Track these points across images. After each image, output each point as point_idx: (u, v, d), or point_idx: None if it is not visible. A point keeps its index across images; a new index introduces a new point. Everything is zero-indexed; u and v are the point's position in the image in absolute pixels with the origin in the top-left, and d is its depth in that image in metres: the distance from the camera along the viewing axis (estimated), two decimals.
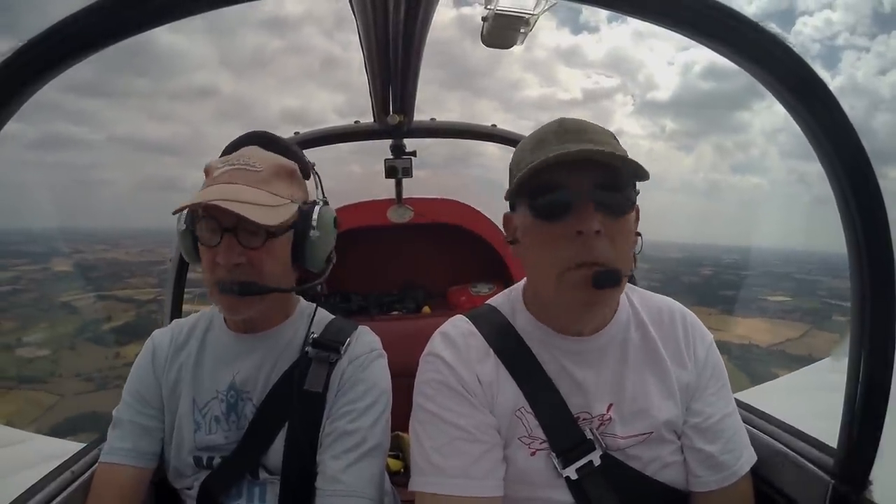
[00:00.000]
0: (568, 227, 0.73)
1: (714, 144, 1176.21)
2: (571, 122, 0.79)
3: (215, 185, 0.86)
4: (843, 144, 0.64)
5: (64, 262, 30.03)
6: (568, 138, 0.76)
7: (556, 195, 0.74)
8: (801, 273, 42.34)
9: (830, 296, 34.22)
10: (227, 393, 0.95)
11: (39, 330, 23.77)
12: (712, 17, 0.58)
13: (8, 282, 27.76)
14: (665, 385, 0.85)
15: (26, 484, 0.91)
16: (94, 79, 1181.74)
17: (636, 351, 0.86)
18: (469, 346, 0.86)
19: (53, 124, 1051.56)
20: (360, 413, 0.91)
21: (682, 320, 0.90)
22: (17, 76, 0.51)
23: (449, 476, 0.78)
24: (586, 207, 0.73)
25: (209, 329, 1.01)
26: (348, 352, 0.96)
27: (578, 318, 0.84)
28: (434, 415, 0.82)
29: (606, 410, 0.83)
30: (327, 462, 0.88)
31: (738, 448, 0.86)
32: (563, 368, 0.84)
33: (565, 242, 0.73)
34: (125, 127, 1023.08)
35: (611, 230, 0.74)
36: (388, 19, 0.89)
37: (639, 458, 0.84)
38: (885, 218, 0.65)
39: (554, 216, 0.75)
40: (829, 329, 30.48)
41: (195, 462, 0.95)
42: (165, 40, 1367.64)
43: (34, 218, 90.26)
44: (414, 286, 2.44)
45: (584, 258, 0.73)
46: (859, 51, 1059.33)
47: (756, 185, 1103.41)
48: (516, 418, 0.83)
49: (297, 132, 1.73)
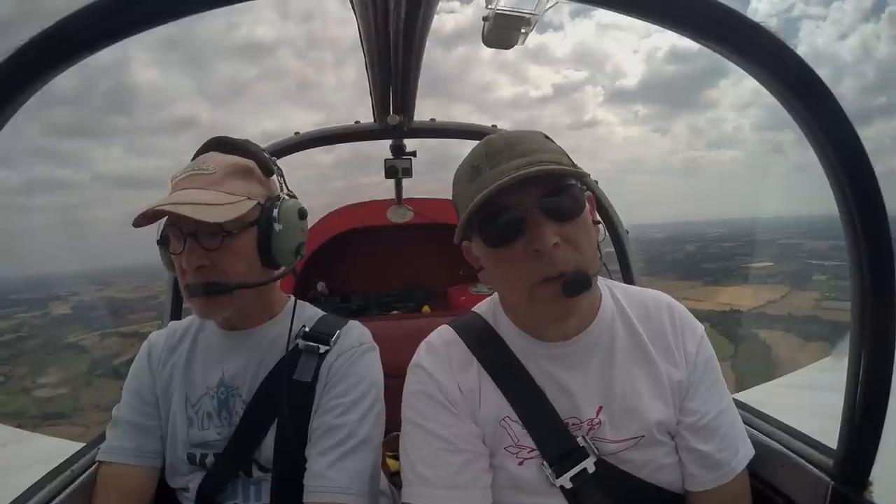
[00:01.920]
0: (525, 247, 0.73)
1: (687, 124, 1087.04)
2: (497, 139, 0.78)
3: (171, 192, 0.88)
4: (841, 143, 0.64)
5: (62, 306, 31.45)
6: (499, 159, 0.74)
7: (504, 219, 0.73)
8: (785, 238, 43.07)
9: (810, 256, 35.31)
10: (218, 389, 0.96)
11: (52, 372, 24.88)
12: (712, 16, 0.58)
13: (11, 329, 29.13)
14: (655, 383, 0.83)
15: None
16: (76, 121, 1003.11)
17: (623, 349, 0.84)
18: (451, 355, 0.86)
19: (38, 168, 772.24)
20: (348, 408, 0.90)
21: (670, 314, 0.87)
22: (17, 76, 0.51)
23: (434, 487, 0.77)
24: (538, 222, 0.72)
25: (201, 329, 1.03)
26: (337, 345, 0.96)
27: (559, 328, 0.83)
28: (418, 426, 0.82)
29: (596, 414, 0.82)
30: (313, 458, 0.88)
31: (735, 444, 0.84)
32: (548, 374, 0.83)
33: (526, 261, 0.73)
34: (108, 165, 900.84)
35: (568, 234, 0.73)
36: (388, 19, 0.89)
37: (632, 461, 0.83)
38: (885, 216, 0.65)
39: (508, 240, 0.74)
40: (809, 289, 31.46)
41: (189, 459, 0.95)
42: (143, 77, 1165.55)
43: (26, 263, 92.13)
44: (414, 286, 2.44)
45: (548, 273, 0.72)
46: (816, 20, 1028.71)
47: (733, 158, 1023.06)
48: (501, 428, 0.82)
49: (297, 132, 1.73)
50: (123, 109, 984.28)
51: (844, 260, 0.69)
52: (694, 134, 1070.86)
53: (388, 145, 1.78)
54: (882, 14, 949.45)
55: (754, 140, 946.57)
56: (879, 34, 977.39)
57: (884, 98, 65.05)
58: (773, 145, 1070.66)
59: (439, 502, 0.77)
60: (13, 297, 34.27)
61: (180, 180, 0.89)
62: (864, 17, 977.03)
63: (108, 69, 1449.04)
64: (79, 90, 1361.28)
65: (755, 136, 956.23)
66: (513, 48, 1.08)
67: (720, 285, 33.72)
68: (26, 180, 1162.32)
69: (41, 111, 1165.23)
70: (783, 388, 2.23)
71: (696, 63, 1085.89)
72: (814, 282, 32.24)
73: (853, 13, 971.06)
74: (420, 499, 0.78)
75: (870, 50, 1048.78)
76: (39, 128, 63.90)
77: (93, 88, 71.64)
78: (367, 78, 1.26)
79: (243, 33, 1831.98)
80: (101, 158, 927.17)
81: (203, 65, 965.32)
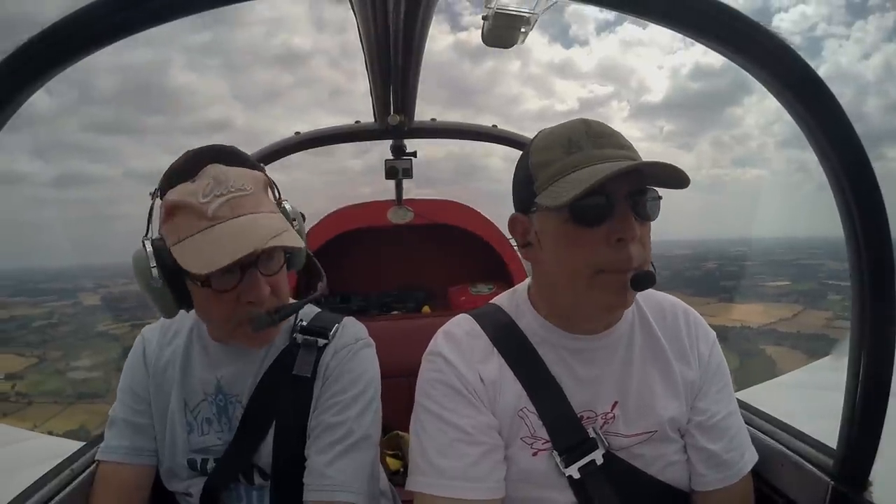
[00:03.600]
0: (607, 233, 0.73)
1: (712, 141, 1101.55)
2: (595, 124, 0.78)
3: (221, 223, 0.78)
4: (841, 143, 0.64)
5: (91, 297, 32.71)
6: (602, 142, 0.75)
7: (597, 200, 0.73)
8: (806, 258, 43.43)
9: (828, 277, 35.53)
10: (216, 396, 0.94)
11: (85, 357, 26.32)
12: (713, 16, 0.58)
13: (42, 317, 30.61)
14: (669, 382, 0.85)
15: None
16: (114, 118, 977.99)
17: (641, 348, 0.86)
18: (472, 345, 0.86)
19: (72, 162, 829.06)
20: (346, 405, 0.89)
21: (685, 318, 0.90)
22: (18, 76, 0.51)
23: (447, 477, 0.77)
24: (625, 213, 0.73)
25: (195, 326, 1.00)
26: (334, 341, 0.95)
27: (602, 319, 0.84)
28: (434, 414, 0.81)
29: (611, 409, 0.83)
30: (313, 457, 0.87)
31: (741, 447, 0.86)
32: (568, 367, 0.84)
33: (604, 247, 0.73)
34: (140, 162, 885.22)
35: (642, 234, 0.75)
36: (388, 19, 0.89)
37: (642, 456, 0.84)
38: (884, 216, 0.65)
39: (593, 221, 0.74)
40: (823, 307, 32.07)
41: (189, 465, 0.94)
42: (181, 80, 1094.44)
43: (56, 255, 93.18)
44: (414, 286, 2.44)
45: (624, 264, 0.73)
46: (839, 39, 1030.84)
47: (758, 177, 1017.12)
48: (519, 418, 0.83)
49: (297, 132, 1.73)
50: (160, 109, 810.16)
51: None
52: (719, 151, 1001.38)
53: None
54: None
55: (778, 158, 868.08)
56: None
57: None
58: (798, 164, 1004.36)
59: (454, 493, 0.76)
60: (42, 286, 35.38)
61: (222, 206, 0.79)
62: (886, 37, 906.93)
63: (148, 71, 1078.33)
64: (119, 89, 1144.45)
65: (779, 154, 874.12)
66: (514, 47, 1.08)
67: (735, 302, 34.19)
68: (59, 174, 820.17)
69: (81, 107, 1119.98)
70: None
71: (720, 80, 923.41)
72: (828, 301, 32.74)
73: (875, 32, 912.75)
74: (432, 489, 0.77)
75: (893, 69, 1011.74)
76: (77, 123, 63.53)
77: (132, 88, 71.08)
78: (367, 78, 1.26)
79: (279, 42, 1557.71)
80: (135, 155, 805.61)
81: (241, 70, 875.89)
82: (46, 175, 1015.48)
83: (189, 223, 0.79)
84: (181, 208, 0.80)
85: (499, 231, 2.28)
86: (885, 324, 0.68)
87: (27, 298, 32.42)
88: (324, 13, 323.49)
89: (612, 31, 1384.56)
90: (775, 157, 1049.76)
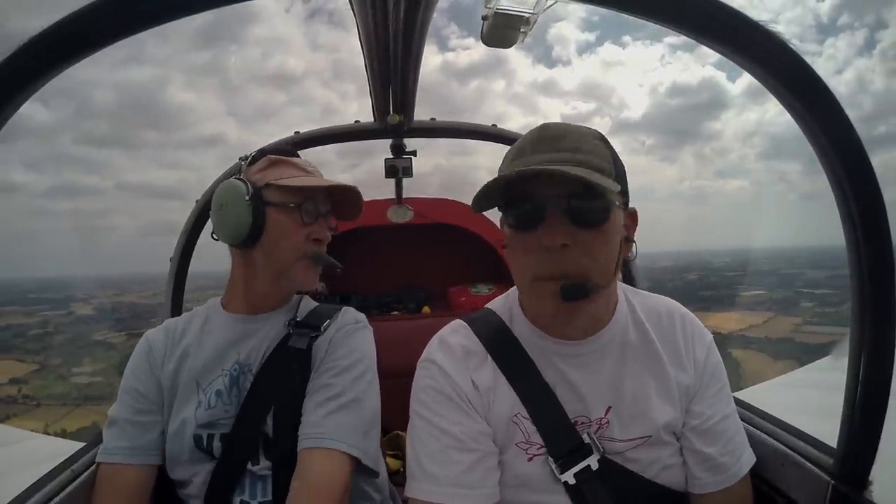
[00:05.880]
0: (537, 239, 0.73)
1: (694, 153, 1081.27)
2: (553, 127, 0.78)
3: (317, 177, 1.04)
4: (841, 142, 0.64)
5: (84, 307, 34.10)
6: (542, 148, 0.75)
7: (525, 207, 0.74)
8: (786, 268, 45.11)
9: (805, 285, 37.31)
10: (232, 368, 0.99)
11: (86, 363, 27.61)
12: (711, 16, 0.58)
13: (38, 325, 31.77)
14: (664, 387, 0.84)
15: None
16: (110, 132, 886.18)
17: (635, 353, 0.85)
18: (466, 352, 0.86)
19: (66, 174, 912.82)
20: (342, 370, 0.97)
21: (681, 321, 0.89)
22: (18, 76, 0.51)
23: (441, 484, 0.77)
24: (556, 219, 0.73)
25: (206, 322, 1.05)
26: (336, 321, 1.05)
27: (559, 327, 0.84)
28: (428, 421, 0.82)
29: (605, 414, 0.83)
30: (309, 411, 0.93)
31: (738, 449, 0.85)
32: (560, 373, 0.84)
33: (536, 253, 0.74)
34: (133, 175, 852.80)
35: (585, 240, 0.73)
36: (388, 19, 0.89)
37: (638, 460, 0.83)
38: (884, 216, 0.65)
39: (525, 227, 0.75)
40: (794, 314, 33.66)
41: (195, 442, 0.95)
42: (177, 98, 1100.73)
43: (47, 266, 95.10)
44: (414, 286, 2.44)
45: (551, 271, 0.73)
46: (812, 56, 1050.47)
47: (740, 188, 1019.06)
48: (513, 424, 0.82)
49: (297, 132, 1.72)
50: (155, 124, 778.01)
51: (835, 288, 0.70)
52: (701, 164, 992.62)
53: None
54: (874, 50, 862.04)
55: (759, 169, 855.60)
56: (874, 68, 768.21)
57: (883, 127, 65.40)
58: (779, 174, 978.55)
59: (448, 500, 0.76)
60: (33, 297, 36.39)
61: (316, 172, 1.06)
62: (857, 53, 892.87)
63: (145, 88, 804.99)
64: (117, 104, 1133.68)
65: (760, 165, 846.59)
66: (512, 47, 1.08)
67: (710, 311, 35.81)
68: (51, 185, 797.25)
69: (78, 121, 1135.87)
70: None
71: (697, 97, 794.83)
72: (800, 308, 34.29)
73: (847, 49, 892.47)
74: (426, 495, 0.78)
75: (865, 83, 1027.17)
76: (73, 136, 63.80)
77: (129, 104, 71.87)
78: (366, 78, 1.26)
79: (276, 63, 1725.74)
80: (128, 168, 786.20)
81: (236, 88, 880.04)
82: (40, 186, 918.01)
83: (291, 171, 1.01)
84: (286, 163, 1.02)
85: (500, 231, 2.28)
86: (885, 324, 0.68)
87: (20, 308, 33.26)
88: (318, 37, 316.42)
89: (593, 51, 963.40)
90: (756, 168, 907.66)
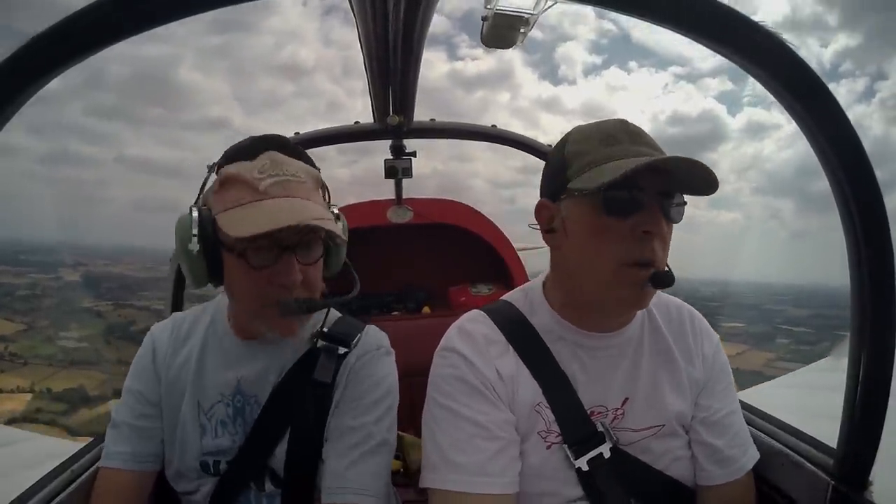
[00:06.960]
0: (635, 225, 0.74)
1: None
2: (632, 124, 0.81)
3: (271, 199, 0.79)
4: (841, 143, 0.64)
5: (72, 273, 33.08)
6: (640, 140, 0.78)
7: (630, 193, 0.75)
8: (769, 303, 45.42)
9: (784, 322, 37.44)
10: (234, 398, 0.93)
11: (73, 328, 26.94)
12: (711, 16, 0.58)
13: (26, 287, 30.91)
14: (676, 380, 0.87)
15: None
16: (117, 105, 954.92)
17: (650, 347, 0.88)
18: (488, 340, 0.86)
19: (67, 141, 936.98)
20: (366, 409, 0.89)
21: (691, 319, 0.93)
22: (18, 76, 0.51)
23: (465, 473, 0.77)
24: (654, 209, 0.75)
25: (211, 326, 0.98)
26: (356, 348, 0.95)
27: (618, 316, 0.85)
28: (450, 410, 0.81)
29: (621, 405, 0.85)
30: (331, 459, 0.87)
31: (743, 444, 0.89)
32: (581, 363, 0.85)
33: (629, 239, 0.75)
34: (134, 149, 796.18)
35: (665, 234, 0.77)
36: (388, 19, 0.89)
37: (650, 451, 0.86)
38: (885, 217, 0.65)
39: (624, 212, 0.75)
40: (767, 349, 33.56)
41: (201, 467, 0.93)
42: (185, 77, 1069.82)
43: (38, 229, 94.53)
44: (414, 286, 2.44)
45: (647, 257, 0.75)
46: None
47: (733, 220, 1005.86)
48: (535, 412, 0.84)
49: (297, 132, 1.72)
50: (162, 102, 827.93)
51: (814, 328, 0.70)
52: None
53: None
54: (873, 99, 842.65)
55: (753, 203, 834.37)
56: (872, 114, 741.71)
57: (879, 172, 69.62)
58: (772, 210, 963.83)
59: (470, 488, 0.76)
60: (22, 258, 35.58)
61: (274, 185, 0.80)
62: (857, 99, 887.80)
63: (157, 64, 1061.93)
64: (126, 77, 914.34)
65: (754, 199, 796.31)
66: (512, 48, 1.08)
67: None
68: (50, 151, 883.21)
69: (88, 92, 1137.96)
70: None
71: (696, 127, 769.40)
72: (776, 344, 34.38)
73: (847, 95, 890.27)
74: (450, 484, 0.77)
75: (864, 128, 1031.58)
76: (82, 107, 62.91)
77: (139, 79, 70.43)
78: (366, 78, 1.26)
79: (287, 53, 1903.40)
80: (130, 142, 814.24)
81: (245, 75, 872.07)
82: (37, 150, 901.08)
83: (239, 194, 0.81)
84: (235, 181, 0.82)
85: (499, 231, 2.28)
86: (885, 324, 0.69)
87: (10, 267, 32.57)
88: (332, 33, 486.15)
89: (598, 74, 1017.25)
90: (750, 202, 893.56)
